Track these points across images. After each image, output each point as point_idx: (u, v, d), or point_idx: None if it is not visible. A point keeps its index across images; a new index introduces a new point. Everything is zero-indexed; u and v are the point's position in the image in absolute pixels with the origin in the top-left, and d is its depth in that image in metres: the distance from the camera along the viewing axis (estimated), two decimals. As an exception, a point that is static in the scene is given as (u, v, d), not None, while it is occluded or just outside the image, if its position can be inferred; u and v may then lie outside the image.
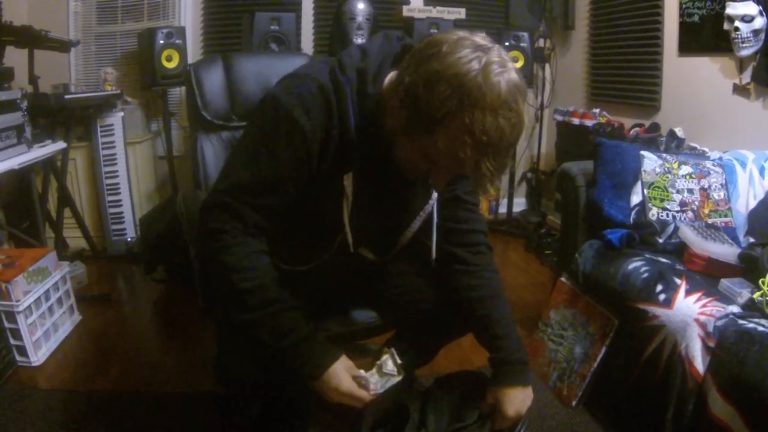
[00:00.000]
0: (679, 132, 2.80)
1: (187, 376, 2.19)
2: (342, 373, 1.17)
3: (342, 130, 1.16)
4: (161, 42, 3.27)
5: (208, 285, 1.50)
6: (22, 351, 2.20)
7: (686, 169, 2.22)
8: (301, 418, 1.72)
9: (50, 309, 2.37)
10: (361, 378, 1.20)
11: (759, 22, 2.39)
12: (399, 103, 1.06)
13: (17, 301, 2.14)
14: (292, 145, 1.14)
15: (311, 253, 1.36)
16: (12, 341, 2.18)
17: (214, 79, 1.72)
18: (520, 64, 3.68)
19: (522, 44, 3.68)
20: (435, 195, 1.36)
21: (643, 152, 2.27)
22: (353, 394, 1.17)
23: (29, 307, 2.20)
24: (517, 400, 1.31)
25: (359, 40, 3.18)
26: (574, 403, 1.98)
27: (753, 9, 2.39)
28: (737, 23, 2.43)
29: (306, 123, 1.13)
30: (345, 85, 1.15)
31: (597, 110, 3.52)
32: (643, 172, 2.22)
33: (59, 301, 2.46)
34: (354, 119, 1.16)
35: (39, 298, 2.27)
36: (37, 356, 2.24)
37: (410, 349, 1.47)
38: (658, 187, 2.18)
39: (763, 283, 1.63)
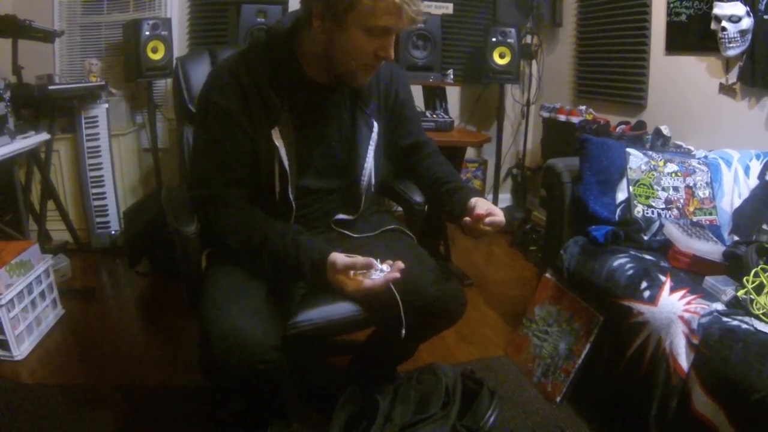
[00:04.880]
0: (665, 130, 2.82)
1: (170, 369, 2.17)
2: (341, 255, 1.34)
3: (259, 85, 1.38)
4: (147, 33, 3.23)
5: (191, 278, 1.51)
6: (4, 345, 2.18)
7: (672, 167, 2.23)
8: (284, 413, 1.72)
9: (33, 302, 2.34)
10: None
11: (746, 23, 2.40)
12: (320, 21, 1.29)
13: (-1, 294, 2.12)
14: (224, 124, 1.39)
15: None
16: (-6, 335, 2.16)
17: (201, 73, 1.73)
18: (507, 60, 3.68)
19: (509, 40, 3.66)
20: (376, 126, 1.56)
21: (629, 149, 2.28)
22: (359, 263, 1.32)
23: (11, 300, 2.18)
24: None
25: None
26: (558, 399, 1.99)
27: (740, 9, 2.40)
28: (724, 23, 2.44)
29: (223, 100, 1.38)
30: (252, 52, 1.42)
31: (583, 107, 3.53)
32: (628, 170, 2.23)
33: (42, 294, 2.43)
34: (270, 73, 1.39)
35: (21, 291, 2.25)
36: (20, 350, 2.22)
37: None
38: (644, 185, 2.20)
39: (747, 281, 1.65)
